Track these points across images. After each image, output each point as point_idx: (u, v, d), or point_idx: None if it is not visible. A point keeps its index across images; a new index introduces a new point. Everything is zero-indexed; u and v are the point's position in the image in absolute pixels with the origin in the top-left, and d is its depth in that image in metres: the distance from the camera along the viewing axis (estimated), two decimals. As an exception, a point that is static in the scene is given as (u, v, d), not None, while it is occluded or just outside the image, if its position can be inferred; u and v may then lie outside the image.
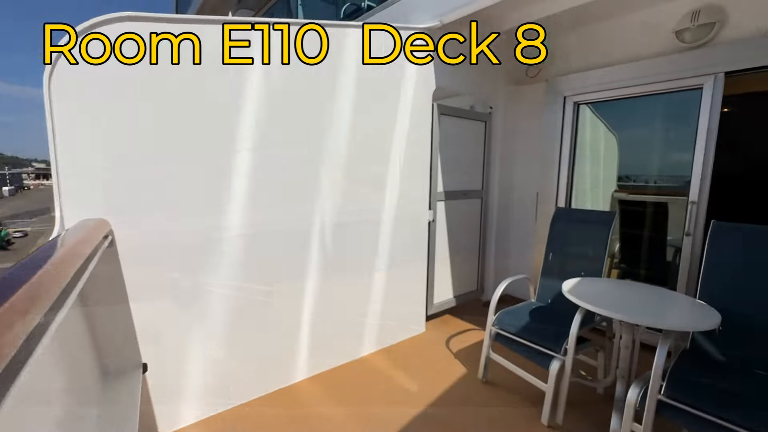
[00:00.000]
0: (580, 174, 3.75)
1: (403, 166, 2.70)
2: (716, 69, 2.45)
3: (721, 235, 1.92)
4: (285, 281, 2.22)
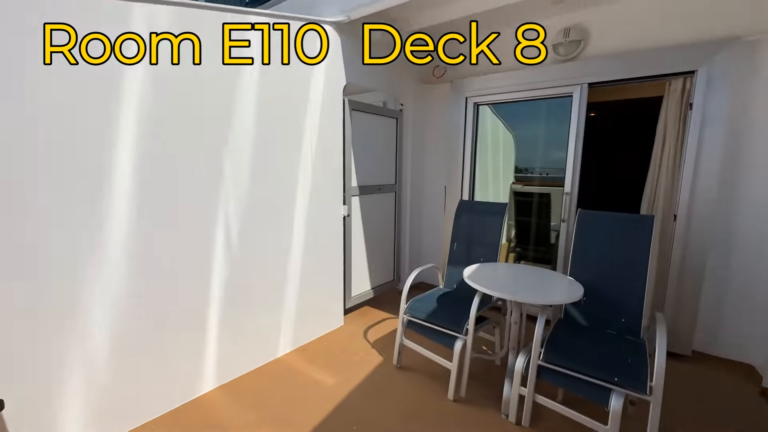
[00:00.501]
0: (483, 168, 4.12)
1: (315, 162, 2.66)
2: (582, 80, 2.90)
3: (585, 220, 2.30)
4: (184, 287, 2.03)
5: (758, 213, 2.43)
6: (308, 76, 2.56)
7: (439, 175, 3.94)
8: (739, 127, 2.44)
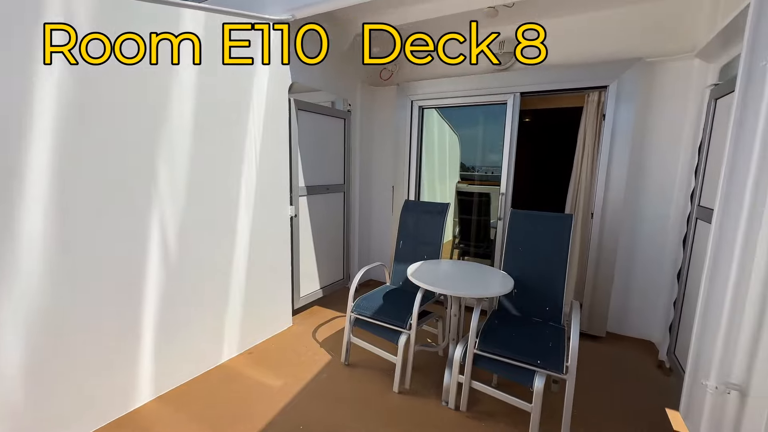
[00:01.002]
0: (430, 168, 4.29)
1: (259, 162, 2.61)
2: (515, 89, 3.14)
3: (515, 219, 2.51)
4: (113, 294, 1.91)
5: (655, 213, 2.82)
6: (251, 75, 2.50)
7: (387, 175, 4.04)
8: (641, 136, 2.81)
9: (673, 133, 2.71)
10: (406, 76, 3.78)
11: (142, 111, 1.92)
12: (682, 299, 2.39)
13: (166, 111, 2.02)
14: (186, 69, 2.09)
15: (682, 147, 2.68)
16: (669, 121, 2.72)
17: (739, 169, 1.45)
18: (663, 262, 2.80)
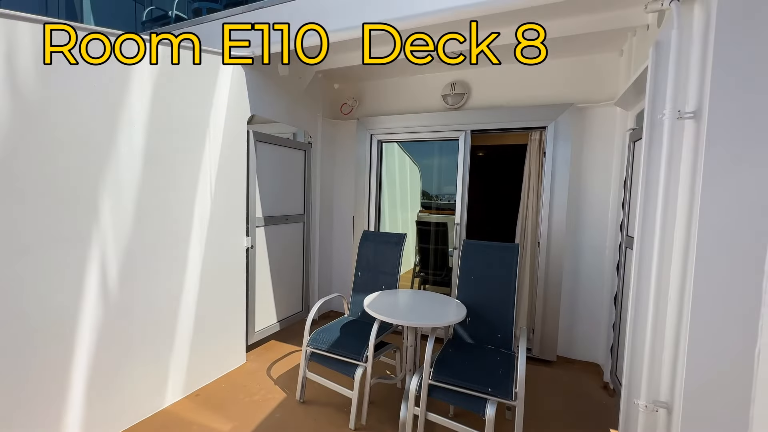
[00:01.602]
0: (391, 198, 4.41)
1: (215, 193, 2.57)
2: (466, 127, 3.38)
3: (468, 249, 2.63)
4: (37, 341, 1.75)
5: (593, 242, 3.07)
6: (208, 107, 2.51)
7: (348, 205, 4.09)
8: (577, 172, 3.10)
9: (604, 169, 3.02)
10: (366, 111, 3.94)
11: (87, 137, 1.86)
12: (619, 322, 2.58)
13: (114, 138, 1.97)
14: (140, 98, 2.07)
15: (612, 182, 2.98)
16: (600, 159, 3.03)
17: (650, 202, 1.65)
18: (602, 287, 3.02)
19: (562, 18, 2.33)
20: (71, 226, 1.82)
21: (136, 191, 2.09)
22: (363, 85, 3.96)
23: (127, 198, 2.05)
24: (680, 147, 1.48)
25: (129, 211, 2.06)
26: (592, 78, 3.03)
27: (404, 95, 3.76)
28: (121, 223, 2.02)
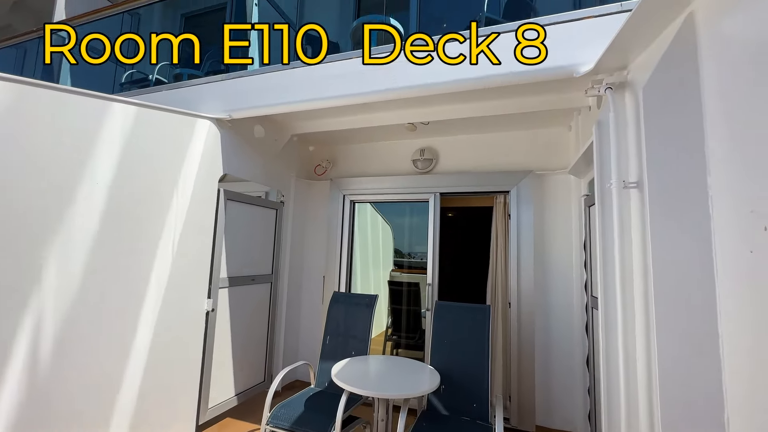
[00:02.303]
0: (363, 257, 4.37)
1: (176, 252, 2.45)
2: (435, 190, 3.53)
3: (440, 310, 2.59)
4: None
5: (561, 302, 3.12)
6: (180, 164, 2.50)
7: (319, 265, 4.00)
8: (541, 234, 3.25)
9: (564, 231, 3.18)
10: (339, 173, 4.06)
11: (44, 191, 1.77)
12: (593, 387, 2.53)
13: (73, 195, 1.89)
14: (109, 154, 2.04)
15: (573, 243, 3.13)
16: (560, 221, 3.21)
17: (609, 265, 1.73)
18: (574, 350, 3.01)
19: (516, 97, 2.62)
20: (5, 290, 1.64)
21: (89, 252, 1.96)
22: (337, 149, 4.13)
23: (78, 259, 1.91)
24: (629, 213, 1.61)
25: (76, 274, 1.90)
26: (548, 148, 3.33)
27: (376, 159, 3.93)
28: (65, 287, 1.86)
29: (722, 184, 1.03)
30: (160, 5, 3.61)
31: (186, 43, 4.55)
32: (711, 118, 1.08)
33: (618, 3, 1.89)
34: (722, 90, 1.05)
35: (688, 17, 1.20)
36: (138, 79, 3.91)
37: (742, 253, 0.92)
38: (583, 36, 1.96)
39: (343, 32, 3.61)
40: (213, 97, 2.90)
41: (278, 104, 2.69)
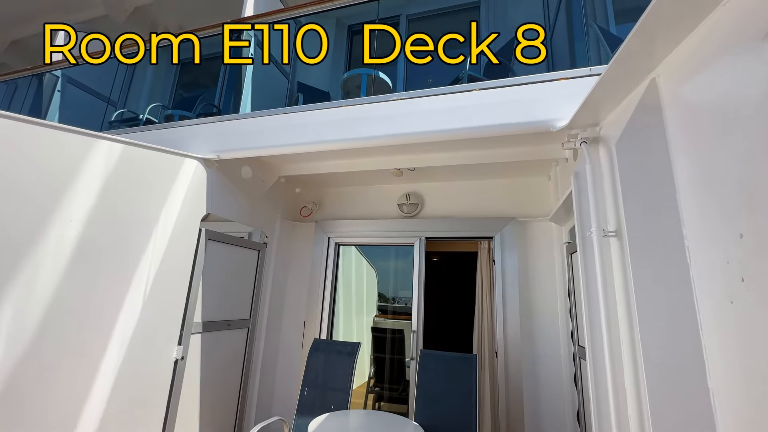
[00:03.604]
0: (347, 302, 4.24)
1: (148, 294, 2.32)
2: (420, 234, 3.55)
3: (425, 360, 2.48)
4: None
5: (548, 352, 3.06)
6: (162, 202, 2.45)
7: (299, 309, 3.85)
8: (526, 280, 3.25)
9: (549, 278, 3.20)
10: (325, 215, 4.06)
11: (9, 229, 1.69)
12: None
13: (44, 233, 1.80)
14: (88, 192, 1.98)
15: (558, 292, 3.13)
16: (545, 268, 3.23)
17: (594, 314, 1.72)
18: (563, 402, 2.89)
19: (498, 148, 2.74)
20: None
21: (52, 296, 1.83)
22: (324, 191, 4.16)
23: (38, 303, 1.78)
24: (610, 261, 1.64)
25: (33, 320, 1.76)
26: (529, 196, 3.44)
27: (363, 202, 3.97)
28: (19, 330, 1.71)
29: (697, 236, 1.06)
30: (160, 51, 3.74)
31: (180, 87, 4.70)
32: (680, 173, 1.14)
33: (587, 68, 2.07)
34: (688, 147, 1.13)
35: (651, 82, 1.31)
36: (128, 118, 3.95)
37: (724, 303, 0.93)
38: (558, 94, 2.11)
39: (334, 84, 3.80)
40: (203, 137, 2.92)
41: (268, 147, 2.73)
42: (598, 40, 2.50)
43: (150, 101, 4.26)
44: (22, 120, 1.75)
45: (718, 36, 0.99)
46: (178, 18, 5.45)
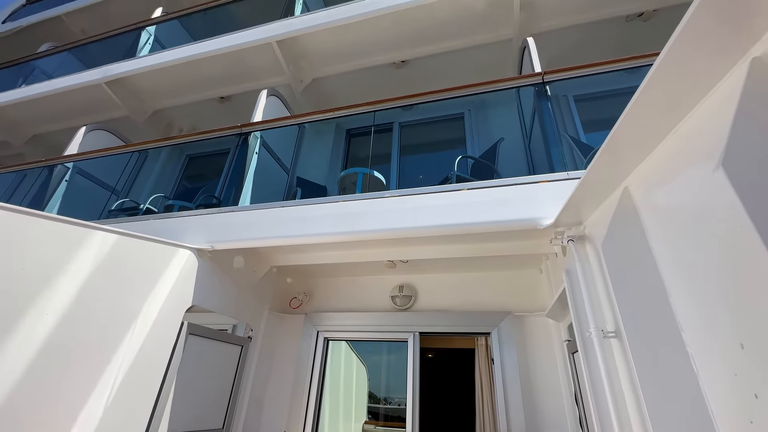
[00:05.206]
0: (334, 404, 3.82)
1: (112, 400, 2.08)
2: (414, 329, 3.39)
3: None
4: None
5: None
6: (147, 294, 2.37)
7: (281, 414, 3.44)
8: (527, 379, 3.02)
9: (553, 380, 2.97)
10: (315, 307, 3.92)
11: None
12: None
13: (13, 329, 1.69)
14: (70, 284, 1.92)
15: (563, 392, 2.89)
16: (547, 369, 3.03)
17: (605, 423, 1.57)
18: None
19: (489, 242, 2.80)
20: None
21: (5, 395, 1.64)
22: (315, 282, 4.09)
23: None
24: (614, 364, 1.56)
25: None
26: (523, 289, 3.40)
27: (355, 293, 3.88)
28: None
29: (698, 343, 1.04)
30: (172, 147, 4.04)
31: (185, 178, 4.95)
32: (668, 276, 1.16)
33: (565, 173, 2.26)
34: (671, 253, 1.17)
35: (624, 190, 1.43)
36: (128, 207, 4.06)
37: (743, 424, 0.86)
38: (541, 195, 2.25)
39: (331, 178, 4.06)
40: (199, 228, 2.97)
41: (264, 238, 2.77)
42: (571, 147, 2.78)
43: (154, 191, 4.44)
44: (13, 210, 1.77)
45: (674, 156, 1.11)
46: (193, 120, 6.01)
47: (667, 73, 0.92)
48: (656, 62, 0.92)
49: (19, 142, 6.44)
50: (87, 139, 5.14)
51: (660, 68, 0.90)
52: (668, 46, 0.87)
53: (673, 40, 0.85)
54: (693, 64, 0.88)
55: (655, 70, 0.92)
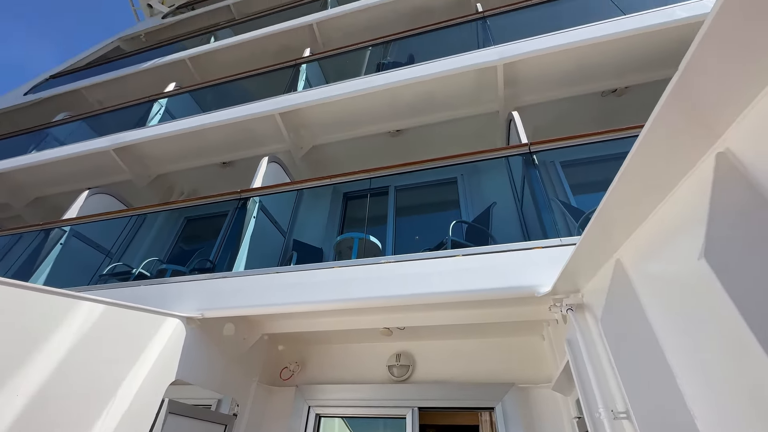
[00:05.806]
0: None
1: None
2: (413, 404, 3.16)
3: None
4: None
5: None
6: (128, 370, 2.23)
7: None
8: (539, 466, 2.74)
9: (565, 464, 2.71)
10: (307, 378, 3.68)
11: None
12: None
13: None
14: (48, 360, 1.82)
15: (578, 482, 2.61)
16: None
17: None
18: None
19: (487, 308, 2.73)
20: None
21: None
22: (308, 349, 3.89)
23: None
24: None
25: None
26: (527, 358, 3.24)
27: (350, 362, 3.67)
28: None
29: (710, 424, 0.97)
30: (170, 212, 4.10)
31: (182, 240, 4.95)
32: (672, 355, 1.13)
33: (558, 239, 2.29)
34: (668, 325, 1.14)
35: (617, 262, 1.44)
36: (120, 272, 3.99)
37: None
38: (537, 261, 2.26)
39: (328, 241, 4.07)
40: (190, 294, 2.90)
41: (257, 306, 2.69)
42: (563, 213, 2.85)
43: (148, 254, 4.40)
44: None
45: (657, 234, 1.14)
46: (194, 183, 6.19)
47: (641, 163, 0.99)
48: (629, 155, 0.99)
49: (21, 204, 6.51)
50: (88, 202, 5.23)
51: (634, 158, 0.97)
52: (639, 141, 0.94)
53: (643, 136, 0.92)
54: (664, 154, 0.95)
55: (630, 159, 0.98)
